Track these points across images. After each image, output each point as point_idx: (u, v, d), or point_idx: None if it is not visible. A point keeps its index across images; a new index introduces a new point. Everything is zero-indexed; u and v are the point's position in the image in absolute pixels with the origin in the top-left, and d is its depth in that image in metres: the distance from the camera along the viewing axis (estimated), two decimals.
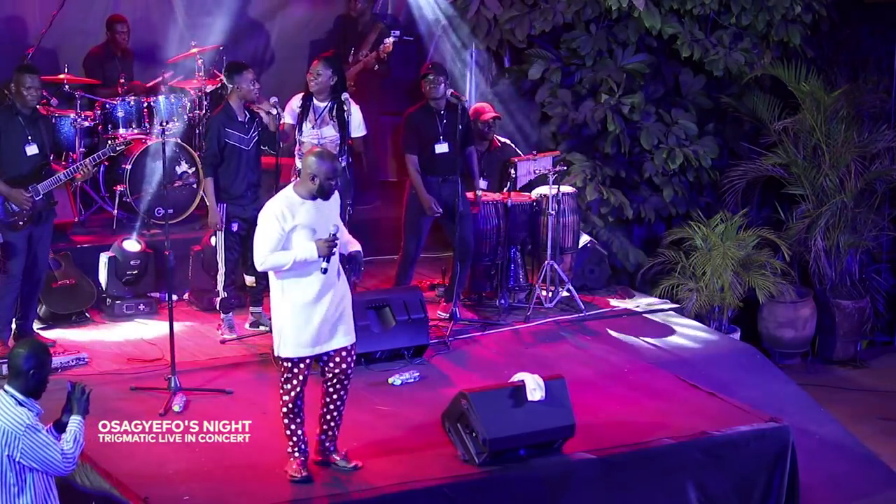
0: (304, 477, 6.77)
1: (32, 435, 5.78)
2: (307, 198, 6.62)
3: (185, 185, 10.19)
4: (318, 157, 6.62)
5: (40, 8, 10.75)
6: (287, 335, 6.67)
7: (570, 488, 7.11)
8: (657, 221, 11.48)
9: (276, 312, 6.76)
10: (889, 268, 12.13)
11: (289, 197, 6.64)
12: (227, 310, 9.02)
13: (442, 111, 9.31)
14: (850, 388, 10.81)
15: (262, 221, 6.63)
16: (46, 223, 8.48)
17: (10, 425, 5.76)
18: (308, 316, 6.65)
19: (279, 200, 6.64)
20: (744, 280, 10.54)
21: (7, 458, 5.76)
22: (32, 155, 8.29)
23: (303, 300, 6.65)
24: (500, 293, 9.85)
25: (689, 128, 11.23)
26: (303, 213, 6.60)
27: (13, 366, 5.89)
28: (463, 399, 7.03)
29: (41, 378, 5.90)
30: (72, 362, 8.30)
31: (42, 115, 8.66)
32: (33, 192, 8.22)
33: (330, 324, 6.73)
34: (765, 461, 7.61)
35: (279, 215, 6.56)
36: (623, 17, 10.94)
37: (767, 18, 11.09)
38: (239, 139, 8.79)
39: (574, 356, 8.95)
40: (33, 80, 8.23)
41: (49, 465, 5.85)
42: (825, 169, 11.27)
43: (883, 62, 11.98)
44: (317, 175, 6.57)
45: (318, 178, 6.57)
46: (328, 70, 8.92)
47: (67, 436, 5.95)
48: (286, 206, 6.59)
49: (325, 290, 6.67)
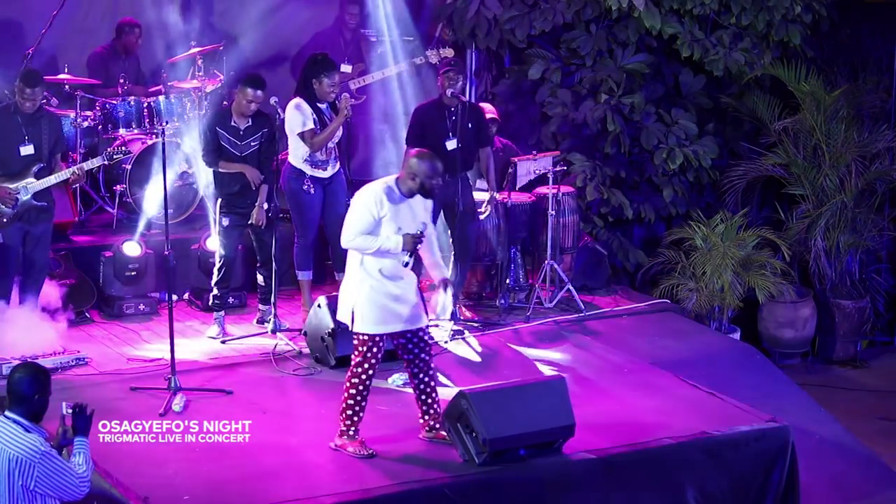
0: (371, 452, 7.08)
1: (48, 462, 5.66)
2: (405, 194, 6.98)
3: (185, 185, 10.18)
4: (419, 158, 6.98)
5: (40, 8, 10.74)
6: (365, 312, 6.97)
7: (570, 488, 7.10)
8: (657, 221, 11.48)
9: (352, 289, 7.03)
10: (889, 268, 12.13)
11: (389, 186, 6.98)
12: (219, 308, 9.03)
13: (453, 108, 9.30)
14: (850, 388, 10.81)
15: (358, 203, 6.98)
16: (42, 223, 8.42)
17: (23, 453, 5.62)
18: (381, 296, 6.97)
19: (379, 186, 6.98)
20: (744, 280, 10.54)
21: (22, 489, 5.62)
22: (26, 155, 8.24)
23: (377, 281, 6.97)
24: (500, 293, 9.85)
25: (689, 128, 11.23)
26: (395, 207, 6.95)
27: (15, 391, 5.74)
28: (463, 399, 7.03)
29: (45, 402, 5.80)
30: (72, 362, 8.30)
31: (47, 113, 8.57)
32: (21, 191, 8.17)
33: (401, 307, 7.03)
34: (764, 461, 7.60)
35: (375, 201, 6.91)
36: (623, 17, 10.94)
37: (767, 18, 11.09)
38: (230, 143, 8.81)
39: (574, 356, 8.95)
40: (33, 92, 8.19)
41: (66, 490, 5.74)
42: (825, 169, 11.26)
43: (883, 62, 11.97)
44: (417, 174, 6.93)
45: (419, 177, 6.93)
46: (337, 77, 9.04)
47: (78, 458, 5.83)
48: (384, 195, 6.93)
49: (402, 273, 7.04)
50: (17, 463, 5.61)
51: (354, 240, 6.93)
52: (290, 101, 8.97)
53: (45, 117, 8.44)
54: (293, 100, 8.98)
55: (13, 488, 5.63)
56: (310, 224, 9.09)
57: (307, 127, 8.88)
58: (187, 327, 9.15)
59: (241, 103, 8.78)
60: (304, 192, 8.99)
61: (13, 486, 5.62)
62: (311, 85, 8.89)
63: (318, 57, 9.09)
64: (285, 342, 8.78)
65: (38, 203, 8.34)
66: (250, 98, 8.74)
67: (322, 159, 8.97)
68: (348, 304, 7.04)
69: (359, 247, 6.94)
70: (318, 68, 8.90)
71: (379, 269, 6.97)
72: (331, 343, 8.39)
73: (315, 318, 8.54)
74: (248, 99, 8.74)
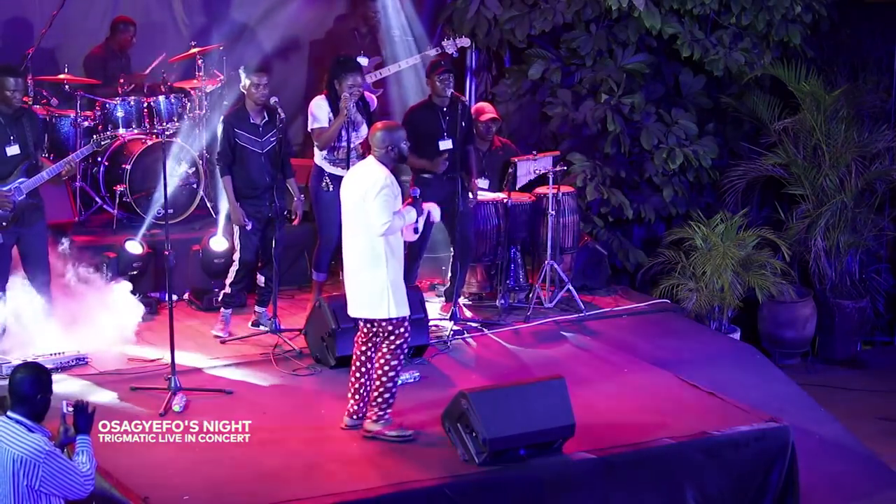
0: (412, 435, 7.30)
1: (52, 461, 5.66)
2: (391, 167, 7.31)
3: (185, 185, 10.18)
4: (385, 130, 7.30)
5: (40, 8, 10.74)
6: (398, 296, 7.22)
7: (570, 488, 7.10)
8: (657, 221, 11.48)
9: (381, 276, 7.20)
10: (889, 268, 12.12)
11: (383, 167, 7.24)
12: (228, 306, 9.04)
13: (445, 108, 9.31)
14: (850, 388, 10.80)
15: (379, 190, 7.13)
16: (36, 224, 8.35)
17: (27, 453, 5.61)
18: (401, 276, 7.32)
19: (379, 169, 7.22)
20: (744, 280, 10.53)
21: (27, 489, 5.61)
22: (13, 155, 8.16)
23: (400, 262, 7.32)
24: (500, 293, 9.85)
25: (689, 128, 11.23)
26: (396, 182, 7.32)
27: (16, 392, 5.73)
28: (463, 399, 7.03)
29: (47, 402, 5.80)
30: (72, 362, 8.30)
31: (27, 111, 8.48)
32: (15, 192, 8.13)
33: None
34: (765, 461, 7.61)
35: (391, 182, 7.19)
36: (623, 17, 10.94)
37: (767, 18, 11.08)
38: (250, 141, 8.79)
39: (574, 356, 8.95)
40: (17, 83, 8.12)
41: (71, 489, 5.74)
42: (825, 169, 11.26)
43: (883, 62, 11.97)
44: (392, 144, 7.26)
45: (395, 145, 7.26)
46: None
47: (82, 457, 5.84)
48: (389, 174, 7.23)
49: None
50: (21, 463, 5.60)
51: (393, 221, 7.16)
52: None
53: (25, 115, 8.33)
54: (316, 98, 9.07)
55: (18, 488, 5.63)
56: (328, 222, 9.05)
57: (316, 125, 8.95)
58: (187, 327, 9.14)
59: (252, 92, 8.77)
60: (323, 190, 9.02)
61: (18, 486, 5.62)
62: (333, 85, 8.94)
63: (340, 58, 9.18)
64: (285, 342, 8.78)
65: (32, 201, 8.27)
66: (257, 82, 8.75)
67: (340, 157, 8.97)
68: (381, 295, 7.19)
69: (396, 227, 7.20)
70: (339, 69, 8.95)
71: (399, 258, 7.27)
72: (331, 343, 8.39)
73: (315, 319, 8.54)
74: (256, 84, 8.74)
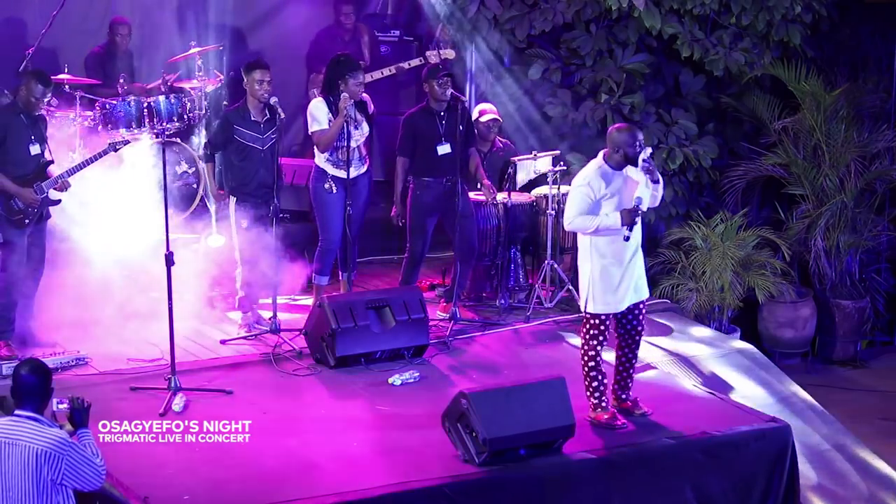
0: (625, 422, 7.55)
1: (75, 453, 5.67)
2: (616, 168, 7.42)
3: (185, 185, 10.18)
4: (618, 131, 7.46)
5: (40, 8, 10.74)
6: (597, 293, 7.46)
7: (570, 488, 7.10)
8: (657, 221, 11.48)
9: (584, 270, 7.53)
10: (889, 268, 12.13)
11: (600, 166, 7.45)
12: (245, 308, 9.04)
13: (442, 112, 9.31)
14: (850, 388, 10.81)
15: (575, 185, 7.46)
16: (44, 221, 8.50)
17: (51, 447, 5.61)
18: (613, 277, 7.45)
19: (592, 169, 7.44)
20: (744, 280, 10.54)
21: (50, 482, 5.61)
22: (35, 154, 8.31)
23: (610, 262, 7.45)
24: (500, 293, 9.85)
25: (689, 128, 11.23)
26: (612, 184, 7.41)
27: (24, 388, 5.73)
28: (463, 399, 7.03)
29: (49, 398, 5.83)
30: (72, 362, 8.30)
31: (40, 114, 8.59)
32: (39, 191, 8.25)
33: (629, 283, 7.52)
34: (765, 461, 7.61)
35: (590, 183, 7.38)
36: (623, 17, 10.94)
37: (767, 18, 11.08)
38: (251, 138, 8.80)
39: (574, 356, 8.92)
40: (43, 91, 8.24)
41: (89, 479, 5.75)
42: (825, 169, 11.27)
43: (883, 62, 11.97)
44: (619, 146, 7.39)
45: (622, 148, 7.38)
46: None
47: (88, 450, 5.84)
48: (599, 175, 7.41)
49: (627, 253, 7.47)
50: (46, 457, 5.61)
51: (574, 221, 7.39)
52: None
53: (40, 118, 8.50)
54: (314, 99, 9.07)
55: (41, 482, 5.63)
56: (331, 224, 9.07)
57: (315, 127, 8.94)
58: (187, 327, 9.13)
59: (254, 88, 8.78)
60: (326, 192, 9.02)
61: (42, 480, 5.62)
62: (337, 85, 8.92)
63: (340, 58, 9.16)
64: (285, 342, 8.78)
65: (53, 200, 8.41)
66: (259, 78, 8.76)
67: (342, 159, 8.97)
68: (586, 287, 7.50)
69: (580, 227, 7.41)
70: (341, 69, 8.95)
71: (608, 258, 7.43)
72: (331, 343, 8.39)
73: (316, 319, 8.54)
74: (259, 80, 8.75)
